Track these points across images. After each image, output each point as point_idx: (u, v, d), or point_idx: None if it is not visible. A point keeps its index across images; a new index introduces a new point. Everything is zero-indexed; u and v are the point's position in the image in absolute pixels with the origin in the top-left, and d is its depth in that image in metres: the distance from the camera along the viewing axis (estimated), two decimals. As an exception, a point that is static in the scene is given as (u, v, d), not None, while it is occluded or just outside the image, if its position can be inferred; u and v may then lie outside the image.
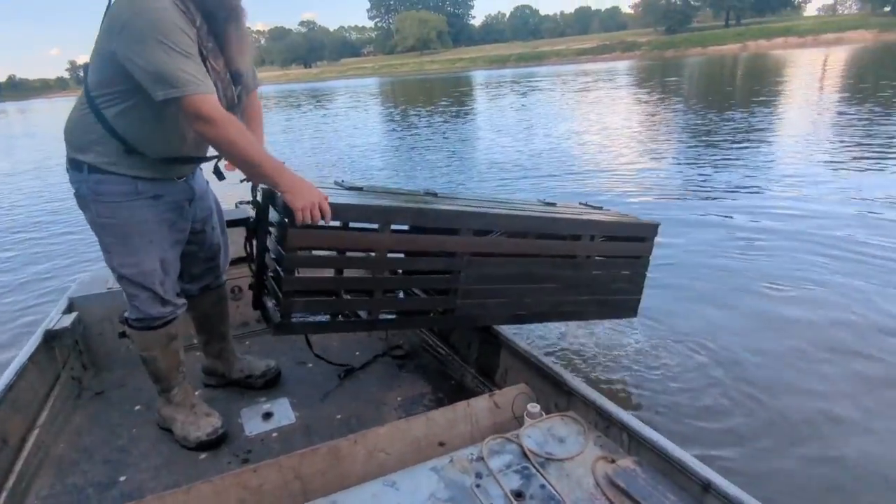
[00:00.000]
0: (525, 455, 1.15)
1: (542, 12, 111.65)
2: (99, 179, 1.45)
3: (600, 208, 2.15)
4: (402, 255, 1.64)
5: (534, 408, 1.28)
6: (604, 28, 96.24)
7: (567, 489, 1.05)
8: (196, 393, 1.90)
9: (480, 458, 1.16)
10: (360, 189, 1.74)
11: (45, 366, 1.92)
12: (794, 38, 45.31)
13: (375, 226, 1.52)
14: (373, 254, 1.54)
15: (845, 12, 69.13)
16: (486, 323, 1.84)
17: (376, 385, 2.04)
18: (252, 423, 1.82)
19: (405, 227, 1.73)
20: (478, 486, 1.09)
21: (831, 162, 6.49)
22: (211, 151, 1.59)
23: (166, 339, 1.68)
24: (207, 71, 1.36)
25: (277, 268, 1.54)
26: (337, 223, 1.56)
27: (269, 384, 2.03)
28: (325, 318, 1.65)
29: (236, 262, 2.57)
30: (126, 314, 1.68)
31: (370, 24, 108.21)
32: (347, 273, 1.70)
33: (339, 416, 1.86)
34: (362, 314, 1.68)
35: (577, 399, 1.45)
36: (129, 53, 1.27)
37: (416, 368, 2.15)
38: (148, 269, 1.54)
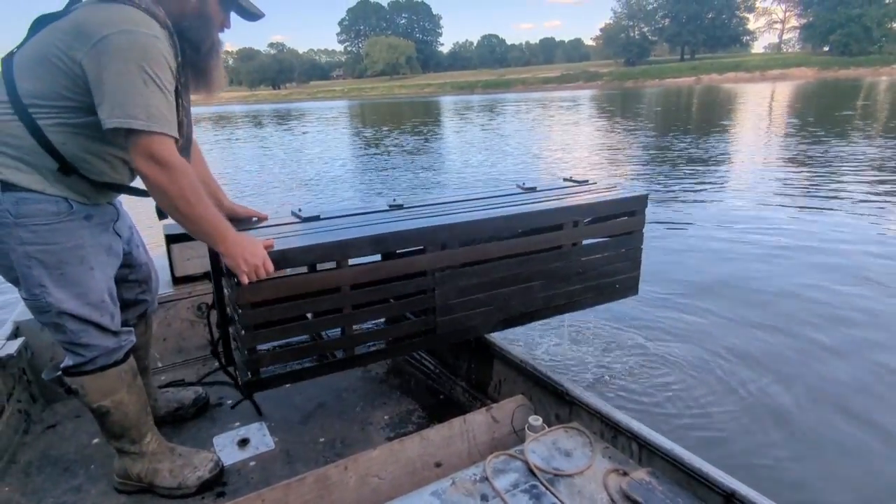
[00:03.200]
0: (531, 472, 1.09)
1: (509, 42, 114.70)
2: (19, 199, 1.20)
3: (587, 181, 2.02)
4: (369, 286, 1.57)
5: (535, 420, 1.22)
6: (567, 58, 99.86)
7: (581, 507, 1.00)
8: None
9: (484, 479, 1.10)
10: (317, 217, 1.69)
11: None
12: (743, 73, 48.11)
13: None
14: (336, 293, 1.49)
15: (789, 51, 74.02)
16: (474, 335, 1.76)
17: (360, 404, 1.95)
18: (227, 452, 1.68)
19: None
20: (484, 508, 1.02)
21: (783, 185, 6.85)
22: None
23: (131, 375, 1.44)
24: (178, 108, 1.26)
25: (237, 325, 1.48)
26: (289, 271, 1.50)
27: (201, 410, 1.89)
28: (298, 365, 1.58)
29: (201, 277, 2.46)
30: (67, 363, 1.38)
31: (340, 48, 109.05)
32: (315, 311, 1.60)
33: (322, 440, 1.75)
34: (338, 353, 1.60)
35: (581, 409, 1.39)
36: (99, 68, 1.12)
37: (401, 384, 2.07)
38: (95, 299, 1.32)
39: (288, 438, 1.75)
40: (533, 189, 1.96)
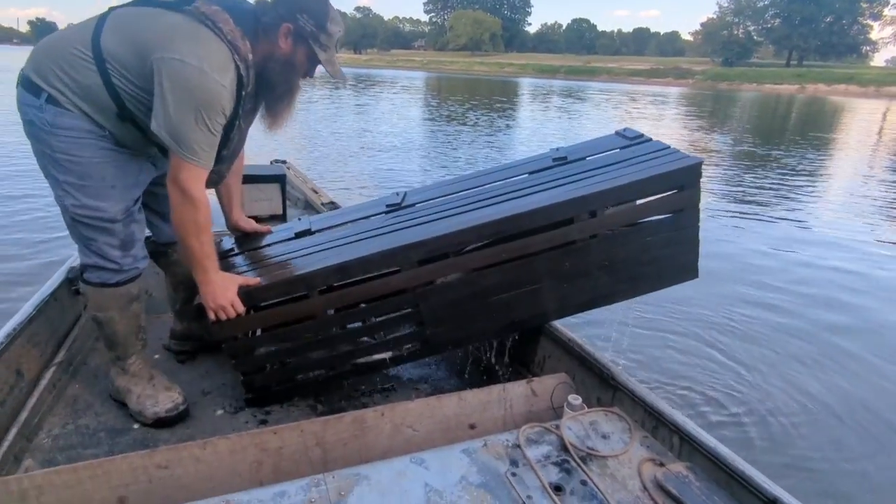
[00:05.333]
0: (565, 448, 1.09)
1: (600, 28, 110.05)
2: (57, 112, 1.31)
3: (640, 136, 1.75)
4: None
5: (575, 399, 1.21)
6: (660, 52, 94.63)
7: (610, 488, 0.99)
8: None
9: (517, 446, 1.11)
10: (308, 231, 1.75)
11: (67, 304, 1.89)
12: (855, 86, 43.75)
13: None
14: (311, 319, 1.53)
15: (915, 67, 66.56)
16: (475, 342, 1.74)
17: (405, 364, 2.00)
18: None
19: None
20: (513, 474, 1.03)
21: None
22: None
23: (126, 300, 1.51)
24: (233, 130, 1.38)
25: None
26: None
27: None
28: (291, 384, 1.66)
29: (267, 219, 2.57)
30: (78, 264, 1.50)
31: (425, 17, 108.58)
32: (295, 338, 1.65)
33: (363, 386, 1.82)
34: (331, 370, 1.65)
35: (624, 394, 1.37)
36: (163, 80, 1.24)
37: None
38: (109, 215, 1.40)
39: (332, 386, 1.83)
40: (563, 160, 1.75)
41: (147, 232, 1.63)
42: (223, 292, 1.42)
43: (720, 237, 4.96)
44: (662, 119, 16.79)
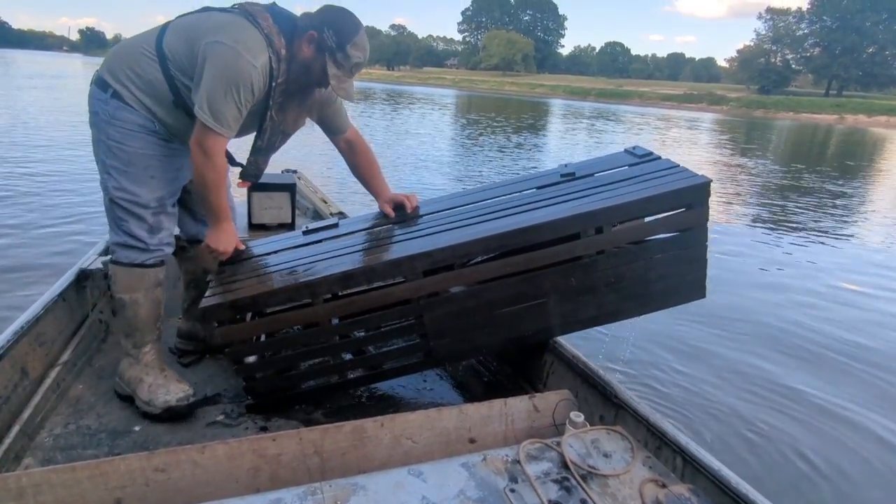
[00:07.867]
0: (565, 465, 1.05)
1: (634, 52, 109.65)
2: (118, 106, 1.51)
3: (650, 154, 1.74)
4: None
5: (577, 417, 1.18)
6: (695, 77, 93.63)
7: (610, 509, 0.95)
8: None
9: (516, 462, 1.08)
10: (317, 240, 1.76)
11: (75, 305, 1.91)
12: (897, 118, 42.35)
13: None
14: (315, 326, 1.53)
15: (963, 100, 63.97)
16: (478, 355, 1.71)
17: (406, 376, 1.98)
18: None
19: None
20: (512, 490, 1.00)
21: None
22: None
23: (152, 282, 1.62)
24: (266, 120, 1.55)
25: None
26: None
27: None
28: (292, 391, 1.67)
29: (275, 227, 2.62)
30: (110, 243, 1.63)
31: (458, 37, 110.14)
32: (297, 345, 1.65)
33: (364, 399, 1.81)
34: (333, 378, 1.64)
35: (627, 413, 1.34)
36: (204, 61, 1.42)
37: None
38: (143, 201, 1.57)
39: (334, 395, 1.81)
40: (571, 176, 1.74)
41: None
42: (228, 239, 1.63)
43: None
44: (697, 144, 16.55)
